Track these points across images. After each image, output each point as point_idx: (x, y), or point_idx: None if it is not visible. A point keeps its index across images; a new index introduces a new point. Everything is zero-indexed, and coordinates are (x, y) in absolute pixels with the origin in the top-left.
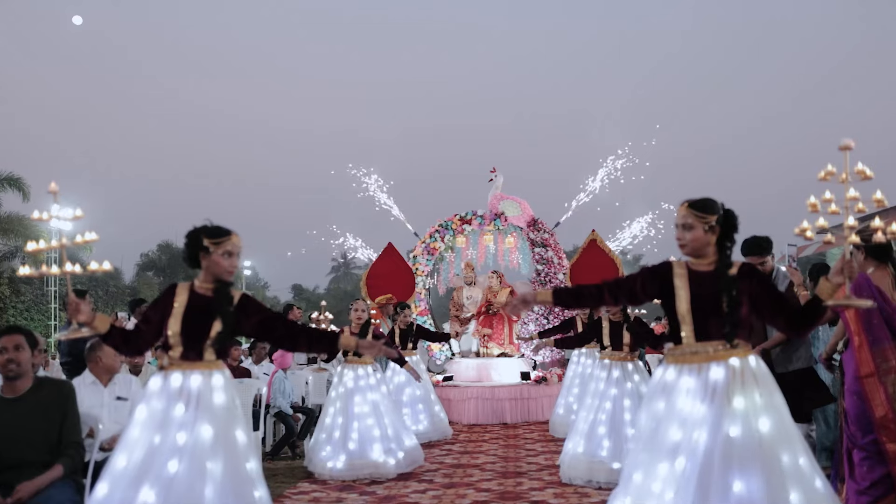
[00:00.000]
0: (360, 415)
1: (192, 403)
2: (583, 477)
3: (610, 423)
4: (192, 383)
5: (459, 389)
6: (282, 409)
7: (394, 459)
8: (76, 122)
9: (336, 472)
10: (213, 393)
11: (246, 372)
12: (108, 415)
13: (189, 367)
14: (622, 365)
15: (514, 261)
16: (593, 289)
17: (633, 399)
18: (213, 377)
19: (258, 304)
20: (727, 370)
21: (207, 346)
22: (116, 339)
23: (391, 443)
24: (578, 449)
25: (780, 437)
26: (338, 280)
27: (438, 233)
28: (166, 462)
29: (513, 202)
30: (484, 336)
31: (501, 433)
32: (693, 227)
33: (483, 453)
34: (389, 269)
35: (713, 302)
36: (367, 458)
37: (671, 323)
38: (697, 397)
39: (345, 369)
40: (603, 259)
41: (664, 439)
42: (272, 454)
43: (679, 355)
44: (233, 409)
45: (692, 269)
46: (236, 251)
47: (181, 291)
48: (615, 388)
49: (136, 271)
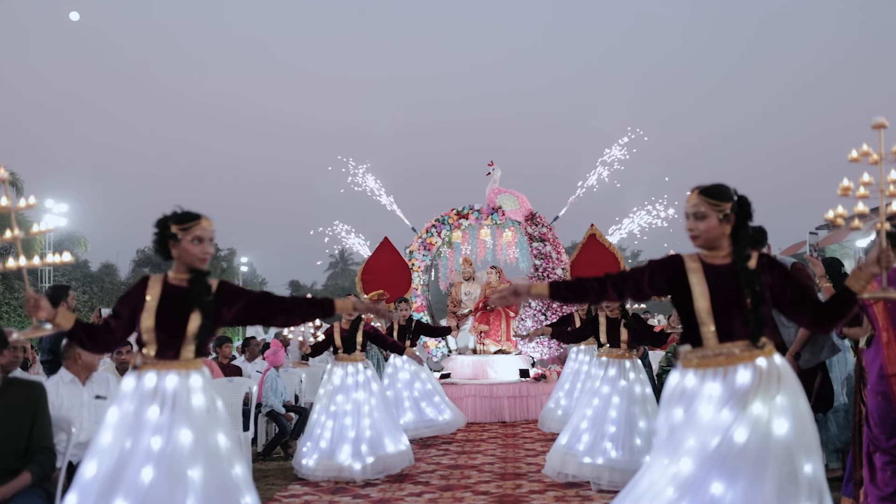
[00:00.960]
0: (337, 414)
1: (167, 406)
2: (555, 468)
3: (594, 419)
4: (168, 384)
5: (457, 387)
6: (274, 408)
7: (360, 464)
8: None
9: (307, 470)
10: (190, 395)
11: (237, 370)
12: (88, 415)
13: (165, 366)
14: (619, 363)
15: (511, 255)
16: (594, 282)
17: (622, 397)
18: (190, 378)
19: (238, 288)
20: (754, 372)
21: (186, 343)
22: (81, 335)
23: (362, 445)
24: (562, 441)
25: (799, 442)
26: (335, 276)
27: (435, 228)
28: (140, 469)
29: (510, 196)
30: (481, 333)
31: (500, 432)
32: (706, 216)
33: (481, 453)
34: (385, 264)
35: (735, 298)
36: (334, 459)
37: (686, 323)
38: (721, 403)
39: (334, 367)
40: (603, 254)
41: (679, 447)
42: (264, 454)
43: (701, 358)
44: (213, 411)
45: (707, 263)
46: (207, 236)
47: (154, 284)
48: (608, 387)
49: (133, 267)
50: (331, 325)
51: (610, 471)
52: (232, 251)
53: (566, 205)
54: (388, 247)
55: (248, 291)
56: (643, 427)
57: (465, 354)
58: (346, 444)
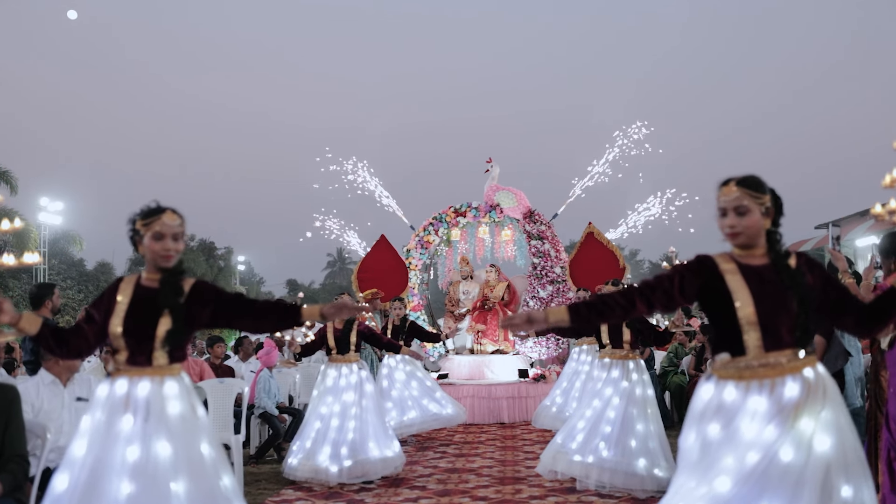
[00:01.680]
0: (324, 415)
1: (139, 415)
2: (546, 466)
3: (591, 419)
4: (140, 392)
5: (455, 388)
6: (267, 409)
7: (337, 467)
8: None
9: (290, 468)
10: (165, 403)
11: (229, 371)
12: (70, 417)
13: (137, 373)
14: (622, 364)
15: (509, 253)
16: (620, 298)
17: (623, 398)
18: (164, 385)
19: (213, 289)
20: (803, 385)
21: (157, 348)
22: (49, 340)
23: (343, 448)
24: (557, 440)
25: (840, 461)
26: (333, 275)
27: (432, 226)
28: (117, 483)
29: (508, 193)
30: (478, 332)
31: (499, 434)
32: (749, 210)
33: (479, 456)
34: (382, 262)
35: (781, 302)
36: (313, 460)
37: (723, 330)
38: (767, 419)
39: (328, 368)
40: (602, 252)
41: (713, 466)
42: (257, 457)
43: (743, 369)
44: (193, 419)
45: (743, 264)
46: (169, 232)
47: (125, 286)
48: (610, 388)
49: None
50: (323, 325)
51: (599, 470)
52: (229, 250)
53: (565, 202)
54: (385, 245)
55: (221, 292)
56: (640, 429)
57: (463, 354)
58: (327, 446)
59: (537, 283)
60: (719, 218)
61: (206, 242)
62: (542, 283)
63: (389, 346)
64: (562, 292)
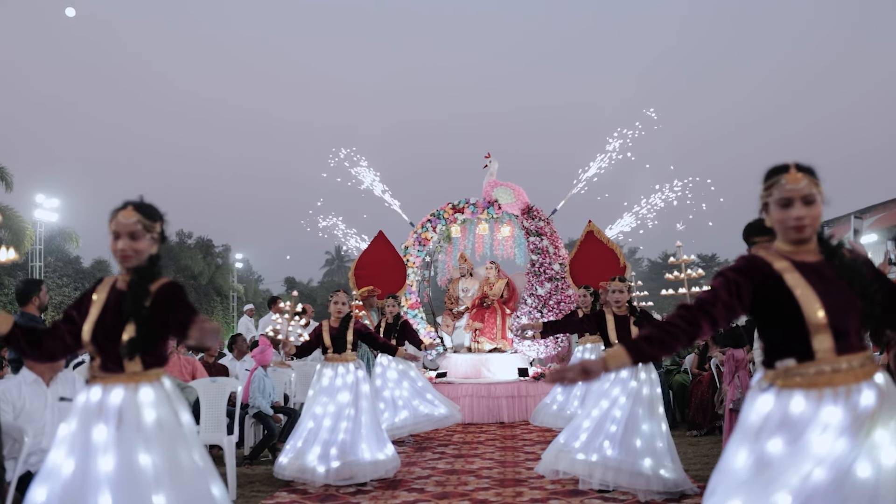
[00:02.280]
0: (317, 415)
1: (112, 424)
2: (548, 465)
3: (599, 419)
4: (113, 399)
5: (453, 386)
6: (261, 409)
7: (324, 467)
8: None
9: (279, 467)
10: (140, 411)
11: (223, 369)
12: (52, 418)
13: (111, 380)
14: None
15: (509, 250)
16: (682, 324)
17: (630, 398)
18: (139, 391)
19: (177, 297)
20: (878, 392)
21: (125, 356)
22: (20, 342)
23: (332, 448)
24: (560, 440)
25: None
26: (331, 273)
27: (430, 222)
28: (94, 496)
29: (506, 189)
30: (475, 330)
31: (498, 433)
32: (815, 200)
33: (479, 457)
34: (379, 259)
35: (846, 300)
36: (302, 459)
37: (783, 335)
38: (840, 432)
39: (324, 368)
40: (602, 251)
41: (772, 483)
42: (251, 458)
43: (815, 376)
44: (174, 427)
45: (797, 261)
46: (123, 231)
47: (103, 287)
48: (618, 388)
49: None
50: (319, 324)
51: (603, 469)
52: (227, 248)
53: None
54: (383, 241)
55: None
56: (646, 429)
57: (461, 353)
58: (317, 446)
59: (535, 280)
60: (779, 209)
61: (204, 240)
62: (541, 281)
63: (385, 348)
64: (560, 290)
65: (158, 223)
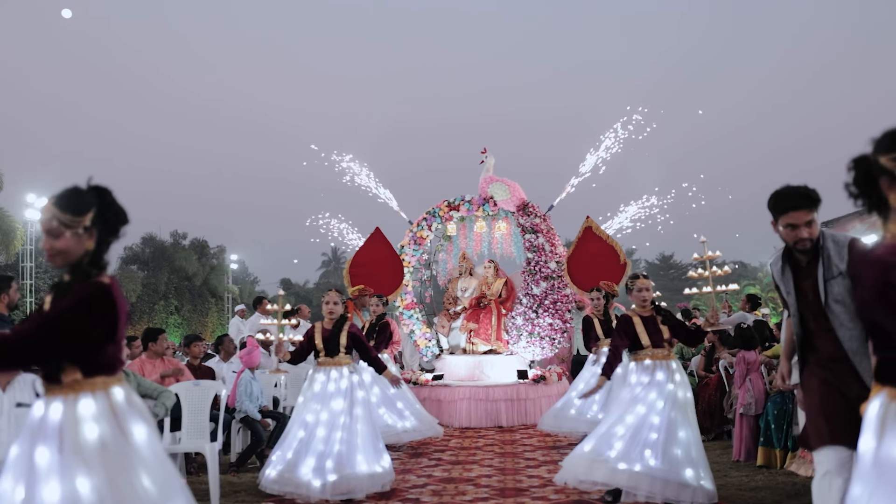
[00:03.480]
0: (309, 423)
1: (52, 443)
2: (577, 475)
3: (636, 426)
4: (52, 416)
5: (450, 389)
6: (249, 413)
7: (320, 482)
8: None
9: (267, 480)
10: (79, 427)
11: (209, 372)
12: (8, 426)
13: (52, 391)
14: (665, 365)
15: (507, 248)
16: None
17: (668, 402)
18: (78, 404)
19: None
20: None
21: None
22: None
23: (328, 461)
24: (585, 448)
25: None
26: (328, 275)
27: (426, 221)
28: None
29: (501, 185)
30: (470, 331)
31: (497, 438)
32: None
33: (477, 464)
34: (375, 256)
35: None
36: (295, 472)
37: None
38: None
39: (315, 373)
40: (602, 248)
41: None
42: (237, 465)
43: None
44: (120, 446)
45: None
46: (44, 227)
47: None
48: (654, 392)
49: (119, 265)
50: (312, 326)
51: (650, 479)
52: (221, 248)
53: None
54: (380, 238)
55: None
56: (683, 437)
57: (457, 354)
58: (311, 458)
59: (531, 279)
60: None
61: (199, 241)
62: (536, 280)
63: (374, 362)
64: (557, 289)
65: (85, 216)
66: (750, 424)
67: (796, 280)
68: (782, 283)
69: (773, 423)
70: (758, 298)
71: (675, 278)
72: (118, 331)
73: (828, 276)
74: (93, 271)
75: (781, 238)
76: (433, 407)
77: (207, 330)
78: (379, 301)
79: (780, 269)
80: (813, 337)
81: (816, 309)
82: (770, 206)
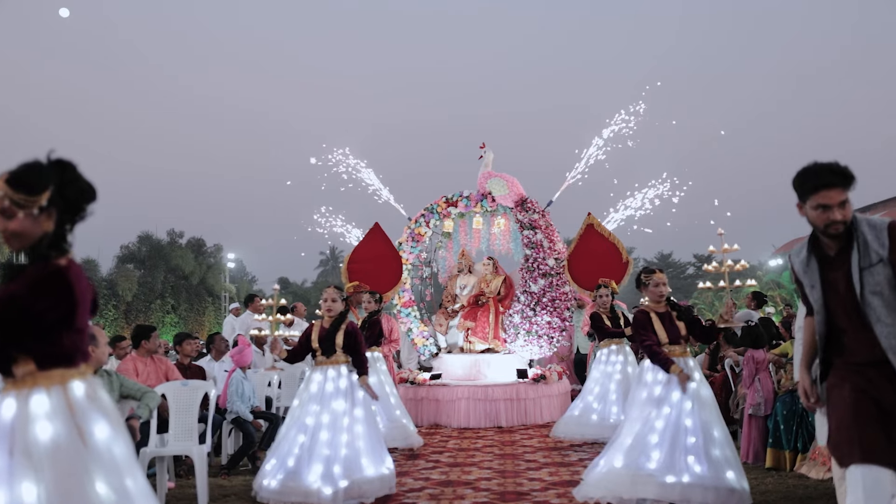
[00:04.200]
0: (311, 427)
1: (4, 446)
2: (618, 493)
3: (671, 432)
4: (5, 413)
5: (449, 389)
6: (240, 414)
7: (331, 488)
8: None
9: (268, 492)
10: (30, 426)
11: (199, 371)
12: None
13: (8, 386)
14: (683, 362)
15: (505, 245)
16: None
17: (695, 402)
18: (30, 400)
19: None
20: None
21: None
22: None
23: (335, 466)
24: (616, 463)
25: None
26: (326, 274)
27: (424, 217)
28: None
29: (499, 180)
30: (467, 330)
31: (497, 439)
32: None
33: (476, 466)
34: (374, 252)
35: None
36: (301, 481)
37: None
38: None
39: (312, 372)
40: (604, 245)
41: None
42: (229, 468)
43: None
44: (74, 448)
45: None
46: (0, 208)
47: None
48: (677, 391)
49: (116, 263)
50: (310, 325)
51: (702, 490)
52: (218, 247)
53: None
54: (379, 233)
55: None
56: (717, 436)
57: (455, 353)
58: (318, 464)
59: (529, 276)
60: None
61: (196, 240)
62: (534, 277)
63: (360, 365)
64: (555, 286)
65: (40, 195)
66: (758, 425)
67: (823, 272)
68: (806, 275)
69: (782, 424)
70: (763, 296)
71: (673, 277)
72: (77, 318)
73: (864, 264)
74: (52, 254)
75: (810, 222)
76: (431, 407)
77: (204, 329)
78: (372, 298)
79: (804, 259)
80: (843, 336)
81: (849, 303)
82: (796, 186)
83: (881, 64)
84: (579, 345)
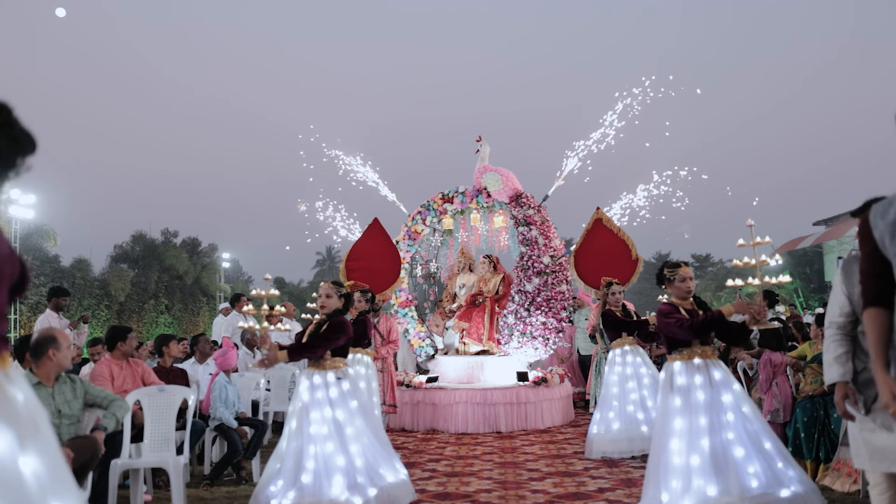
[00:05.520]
0: (317, 437)
1: None
2: None
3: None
4: None
5: (446, 392)
6: (224, 421)
7: (362, 498)
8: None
9: None
10: None
11: (181, 374)
12: None
13: None
14: (715, 364)
15: (503, 242)
16: None
17: (737, 411)
18: None
19: None
20: None
21: None
22: None
23: (359, 476)
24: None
25: None
26: (322, 274)
27: (420, 214)
28: None
29: (494, 174)
30: (462, 331)
31: (496, 446)
32: None
33: (475, 475)
34: (373, 249)
35: None
36: (324, 494)
37: None
38: None
39: (302, 377)
40: (612, 241)
41: None
42: (211, 478)
43: None
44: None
45: None
46: None
47: None
48: (726, 395)
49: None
50: (309, 323)
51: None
52: (213, 246)
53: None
54: (378, 230)
55: None
56: (769, 448)
57: (451, 355)
58: (339, 476)
59: (523, 275)
60: None
61: (190, 239)
62: (529, 276)
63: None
64: (550, 285)
65: None
66: (777, 433)
67: None
68: (893, 243)
69: (802, 432)
70: (775, 295)
71: None
72: None
73: None
74: None
75: None
76: (427, 411)
77: (199, 330)
78: (363, 297)
79: (892, 221)
80: None
81: None
82: None
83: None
84: (580, 346)
